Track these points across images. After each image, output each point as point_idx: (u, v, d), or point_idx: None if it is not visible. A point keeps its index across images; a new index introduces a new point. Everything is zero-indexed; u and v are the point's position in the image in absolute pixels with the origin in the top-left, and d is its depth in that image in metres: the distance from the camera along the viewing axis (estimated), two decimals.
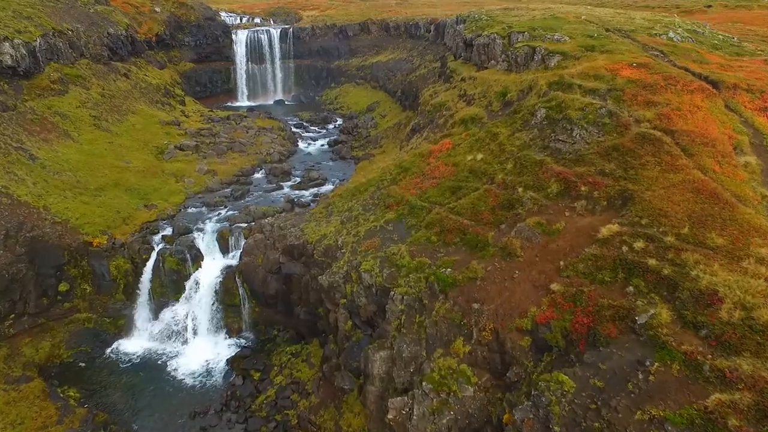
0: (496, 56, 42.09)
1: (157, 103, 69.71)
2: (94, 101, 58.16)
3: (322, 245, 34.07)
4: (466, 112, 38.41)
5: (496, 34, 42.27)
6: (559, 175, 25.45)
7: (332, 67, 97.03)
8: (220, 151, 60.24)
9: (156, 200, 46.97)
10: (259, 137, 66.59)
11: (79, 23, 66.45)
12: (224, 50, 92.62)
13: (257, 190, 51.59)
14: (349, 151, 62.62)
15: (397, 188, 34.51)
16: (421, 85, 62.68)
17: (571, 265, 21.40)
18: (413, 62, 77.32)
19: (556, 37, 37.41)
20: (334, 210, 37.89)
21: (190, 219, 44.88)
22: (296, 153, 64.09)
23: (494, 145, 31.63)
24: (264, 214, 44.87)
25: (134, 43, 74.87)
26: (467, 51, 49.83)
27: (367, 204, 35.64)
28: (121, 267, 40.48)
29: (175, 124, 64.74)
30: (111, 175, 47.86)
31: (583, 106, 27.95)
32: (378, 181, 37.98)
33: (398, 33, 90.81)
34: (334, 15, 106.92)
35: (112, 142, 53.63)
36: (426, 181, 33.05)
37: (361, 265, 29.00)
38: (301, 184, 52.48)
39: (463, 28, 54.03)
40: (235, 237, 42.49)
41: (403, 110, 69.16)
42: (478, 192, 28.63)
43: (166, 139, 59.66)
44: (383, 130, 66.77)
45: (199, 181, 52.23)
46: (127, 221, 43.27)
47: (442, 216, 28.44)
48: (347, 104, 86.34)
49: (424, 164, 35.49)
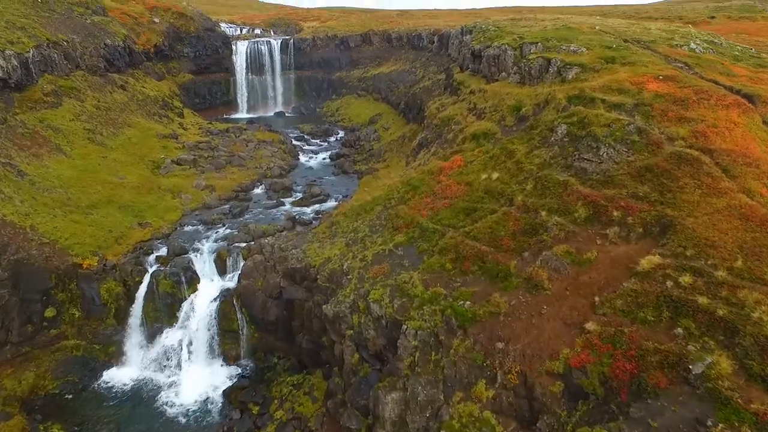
0: (507, 68, 40.04)
1: (155, 115, 67.59)
2: (88, 114, 56.00)
3: (326, 270, 31.68)
4: (478, 126, 36.24)
5: (507, 45, 40.25)
6: (587, 197, 23.18)
7: (333, 78, 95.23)
8: (219, 165, 58.01)
9: (151, 218, 44.61)
10: (259, 151, 64.41)
11: (75, 34, 64.51)
12: (224, 61, 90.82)
13: (257, 206, 49.26)
14: (352, 165, 60.42)
15: (406, 208, 32.21)
16: (425, 98, 60.66)
17: (607, 301, 19.04)
18: (416, 74, 75.44)
19: (573, 48, 35.37)
20: (339, 230, 35.57)
21: (186, 238, 42.50)
22: (297, 167, 61.86)
23: (511, 163, 29.40)
24: (264, 232, 42.51)
25: (132, 55, 72.95)
26: (475, 63, 47.83)
27: (374, 225, 33.32)
28: (112, 290, 38.02)
29: (173, 137, 62.57)
30: (104, 192, 45.52)
31: (608, 122, 25.76)
32: (385, 199, 35.69)
33: (400, 44, 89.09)
34: (335, 26, 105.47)
35: (106, 156, 51.37)
36: (437, 201, 30.76)
37: (369, 294, 26.61)
38: (302, 201, 50.17)
39: (470, 39, 52.10)
40: (233, 258, 40.10)
41: (407, 123, 67.10)
42: (496, 215, 26.32)
43: (162, 153, 57.43)
44: (386, 143, 64.64)
45: (196, 198, 49.92)
46: (120, 241, 40.87)
47: (457, 241, 26.10)
48: (349, 116, 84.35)
49: (434, 182, 33.23)
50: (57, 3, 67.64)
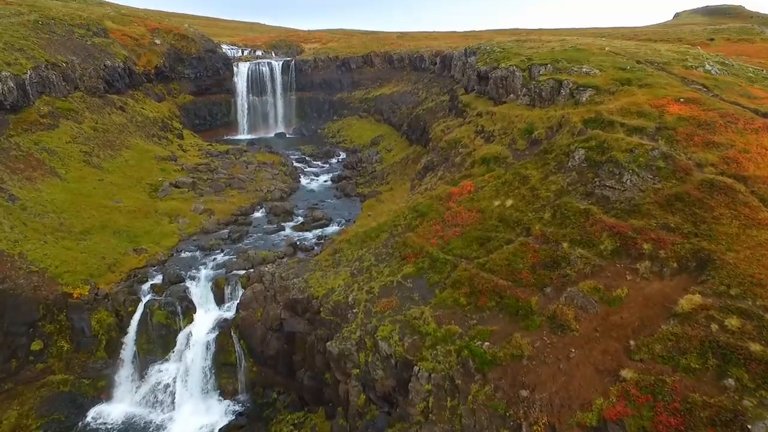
0: (515, 90, 38.77)
1: (154, 137, 66.23)
2: (85, 136, 54.56)
3: (329, 302, 29.72)
4: (487, 150, 34.72)
5: (515, 67, 39.04)
6: (613, 228, 21.46)
7: (335, 99, 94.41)
8: (218, 188, 56.40)
9: (146, 243, 42.75)
10: (260, 173, 62.89)
11: (75, 55, 63.54)
12: (225, 82, 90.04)
13: (257, 231, 47.46)
14: (354, 188, 58.84)
15: (414, 236, 30.43)
16: (429, 119, 59.43)
17: (644, 345, 17.14)
18: (419, 95, 74.49)
19: (585, 70, 34.14)
20: (343, 258, 33.71)
21: (182, 265, 40.60)
22: (298, 190, 60.26)
23: (525, 190, 27.74)
24: (264, 259, 40.63)
25: (132, 76, 71.98)
26: (481, 84, 46.65)
27: (380, 253, 31.50)
28: (103, 321, 35.97)
29: (172, 159, 61.08)
30: (98, 217, 43.74)
31: (630, 147, 24.21)
32: (391, 226, 33.95)
33: (402, 65, 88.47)
34: (336, 48, 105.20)
35: (102, 179, 49.73)
36: (447, 229, 29.00)
37: (377, 331, 24.63)
38: (303, 225, 48.39)
39: (475, 60, 51.06)
40: (231, 286, 38.15)
41: (410, 144, 65.78)
42: (512, 246, 24.54)
43: (161, 175, 55.84)
44: (389, 165, 63.19)
45: (194, 222, 48.14)
46: (114, 268, 38.93)
47: (472, 273, 24.26)
48: (350, 137, 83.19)
49: (443, 209, 31.51)
50: (58, 25, 66.88)
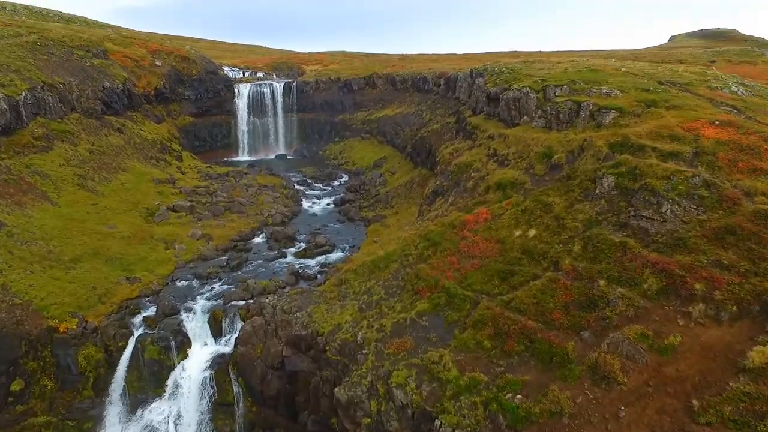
0: (529, 112, 36.89)
1: (152, 159, 64.20)
2: (80, 158, 52.46)
3: (336, 340, 27.14)
4: (503, 175, 32.59)
5: (528, 88, 37.23)
6: (656, 265, 19.16)
7: (336, 121, 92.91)
8: (217, 212, 54.09)
9: (140, 272, 40.21)
10: (260, 196, 60.69)
11: (73, 77, 61.92)
12: (225, 104, 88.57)
13: (257, 258, 44.98)
14: (358, 212, 56.58)
15: (427, 268, 28.03)
16: (435, 141, 57.58)
17: (711, 406, 14.67)
18: (423, 116, 72.90)
19: (605, 91, 32.30)
20: (349, 291, 31.22)
21: (178, 295, 38.03)
22: (300, 213, 57.98)
23: (549, 219, 25.48)
24: (264, 289, 38.09)
25: (131, 97, 70.33)
26: (490, 106, 44.84)
27: (390, 286, 29.05)
28: (91, 357, 33.23)
29: (170, 182, 58.92)
30: (90, 243, 41.28)
31: (667, 173, 22.10)
32: (401, 255, 31.57)
33: (405, 87, 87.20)
34: (338, 69, 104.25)
35: (96, 203, 47.42)
36: (465, 261, 26.63)
37: (391, 376, 22.05)
38: (306, 252, 45.94)
39: (483, 81, 49.39)
40: (229, 319, 35.56)
41: (415, 167, 63.81)
42: (539, 281, 22.17)
43: (158, 199, 53.57)
44: (394, 189, 61.09)
45: (191, 248, 45.68)
46: (104, 299, 36.34)
47: (495, 312, 21.82)
48: (353, 159, 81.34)
49: (457, 238, 29.20)
50: (56, 46, 65.49)
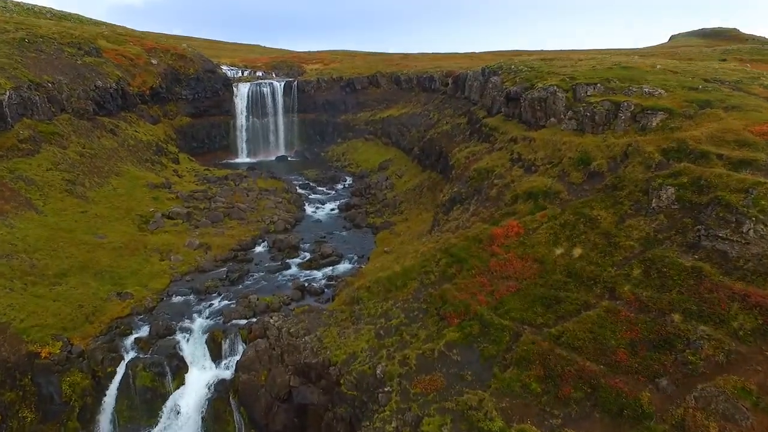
0: (557, 113, 33.62)
1: (147, 162, 60.70)
2: (70, 162, 48.96)
3: (352, 372, 23.83)
4: (533, 183, 29.32)
5: (556, 87, 33.95)
6: (746, 298, 15.97)
7: (338, 121, 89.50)
8: (216, 218, 50.68)
9: (133, 287, 36.83)
10: (261, 201, 57.28)
11: (63, 75, 58.35)
12: (224, 104, 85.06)
13: (259, 269, 41.61)
14: (365, 218, 53.24)
15: (453, 289, 24.75)
16: (446, 144, 54.27)
17: None
18: (430, 117, 69.55)
19: (647, 90, 29.09)
20: (364, 312, 27.90)
21: (173, 312, 34.70)
22: (303, 220, 54.61)
23: (596, 236, 22.22)
24: (268, 306, 34.78)
25: (125, 97, 66.78)
26: (509, 106, 41.55)
27: (411, 309, 25.75)
28: (77, 384, 29.87)
29: (166, 186, 55.46)
30: (78, 255, 37.85)
31: (745, 186, 18.90)
32: (420, 272, 28.27)
33: (410, 86, 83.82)
34: (339, 68, 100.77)
35: (86, 211, 43.94)
36: (498, 283, 23.34)
37: (421, 424, 18.77)
38: (311, 262, 42.56)
39: (499, 80, 46.09)
40: (230, 340, 32.26)
41: (423, 170, 60.48)
42: (594, 312, 18.91)
43: (153, 205, 50.12)
44: (402, 193, 57.76)
45: (188, 259, 42.30)
46: (92, 318, 32.96)
47: (543, 348, 18.55)
48: (356, 161, 77.97)
49: (486, 254, 25.91)
50: (46, 43, 61.89)
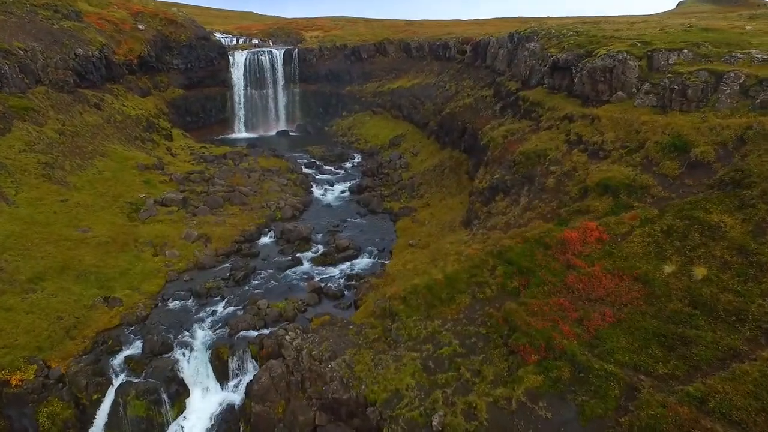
0: (627, 85, 27.68)
1: (136, 139, 54.29)
2: (47, 142, 42.62)
3: (398, 418, 18.68)
4: (607, 172, 23.66)
5: (626, 53, 27.85)
6: None
7: (343, 93, 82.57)
8: (215, 204, 44.86)
9: (122, 290, 31.40)
10: (264, 183, 51.35)
11: (38, 42, 51.21)
12: (220, 74, 77.83)
13: (266, 265, 36.15)
14: (380, 203, 47.53)
15: (521, 311, 19.40)
16: (471, 119, 48.12)
17: None
18: (446, 88, 63.00)
19: (759, 56, 23.16)
20: (402, 332, 22.61)
21: (170, 322, 29.41)
22: (312, 204, 48.85)
23: (723, 250, 16.80)
24: (280, 314, 29.50)
25: (110, 67, 59.65)
26: (555, 77, 35.43)
27: (466, 333, 20.46)
28: (57, 415, 24.80)
29: (158, 167, 49.30)
30: (57, 254, 32.20)
31: None
32: (469, 281, 22.90)
33: (421, 54, 76.69)
34: (342, 35, 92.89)
35: (66, 199, 38.00)
36: (586, 308, 17.99)
37: None
38: (326, 257, 37.07)
39: (537, 47, 39.72)
40: (238, 357, 27.09)
41: (442, 147, 54.50)
42: (754, 366, 13.60)
43: (144, 190, 44.11)
44: (420, 174, 51.91)
45: (185, 253, 36.74)
46: (73, 333, 27.59)
47: (682, 417, 13.34)
48: (364, 137, 71.61)
49: (557, 265, 20.51)
50: (16, 5, 54.40)
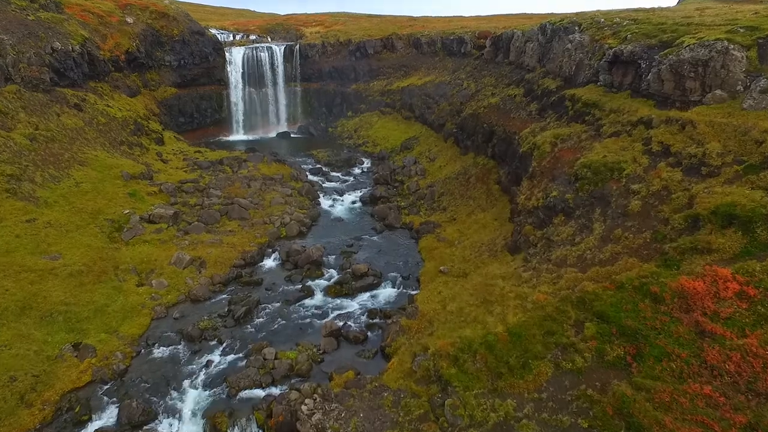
0: (728, 82, 21.86)
1: (122, 144, 47.99)
2: (14, 150, 36.35)
3: None
4: (728, 196, 17.81)
5: (727, 42, 22.02)
6: None
7: (348, 91, 76.37)
8: (211, 219, 38.79)
9: (97, 334, 25.39)
10: (267, 193, 45.23)
11: (8, 34, 44.79)
12: (215, 71, 71.41)
13: (271, 298, 30.14)
14: (398, 216, 41.53)
15: (641, 399, 13.74)
16: (498, 120, 42.12)
17: None
18: (463, 86, 56.96)
19: None
20: (461, 413, 16.76)
21: (155, 378, 23.44)
22: (320, 217, 42.78)
23: None
24: (291, 367, 23.58)
25: (94, 63, 53.24)
26: (614, 73, 29.53)
27: (559, 426, 14.57)
28: None
29: (146, 177, 43.07)
30: (16, 291, 26.06)
31: None
32: (544, 341, 17.06)
33: (433, 50, 70.56)
34: (346, 31, 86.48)
35: (34, 219, 31.80)
36: (750, 404, 12.18)
37: None
38: (342, 286, 31.01)
39: (586, 38, 33.78)
40: (240, 427, 21.13)
41: (463, 152, 48.50)
42: None
43: (128, 204, 37.92)
44: (440, 182, 45.90)
45: (175, 282, 30.72)
46: (30, 397, 21.54)
47: None
48: (373, 139, 65.48)
49: (682, 329, 14.91)
50: None
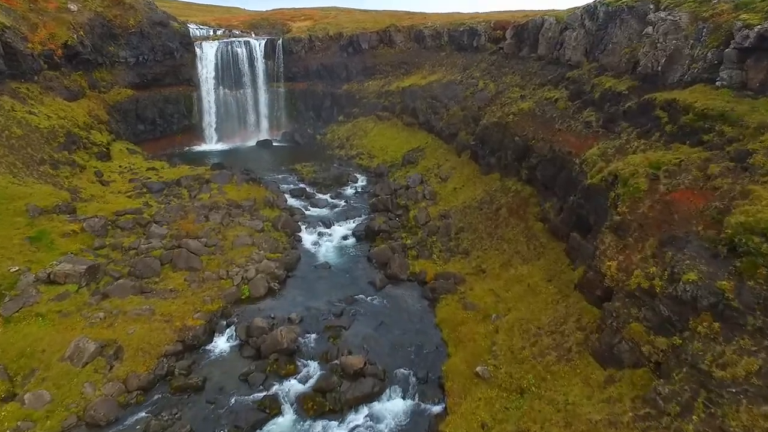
0: None
1: (42, 163, 36.33)
2: None
3: None
4: None
5: None
6: None
7: (339, 92, 64.94)
8: (147, 271, 27.41)
9: None
10: (230, 229, 33.77)
11: None
12: (183, 70, 59.64)
13: (215, 419, 18.77)
14: (404, 263, 30.27)
15: None
16: (538, 133, 30.91)
17: None
18: (479, 87, 45.75)
19: None
20: None
21: None
22: (299, 265, 31.40)
23: None
24: None
25: (16, 58, 41.49)
26: (746, 68, 18.47)
27: None
28: None
29: (65, 210, 31.42)
30: None
31: None
32: None
33: (438, 44, 59.23)
34: (337, 23, 74.93)
35: None
36: None
37: None
38: (324, 397, 19.63)
39: (683, 17, 22.65)
40: None
41: (484, 171, 37.33)
42: None
43: (24, 255, 26.32)
44: (457, 211, 34.65)
45: (65, 395, 19.42)
46: None
47: None
48: (368, 150, 54.10)
49: None
50: None
